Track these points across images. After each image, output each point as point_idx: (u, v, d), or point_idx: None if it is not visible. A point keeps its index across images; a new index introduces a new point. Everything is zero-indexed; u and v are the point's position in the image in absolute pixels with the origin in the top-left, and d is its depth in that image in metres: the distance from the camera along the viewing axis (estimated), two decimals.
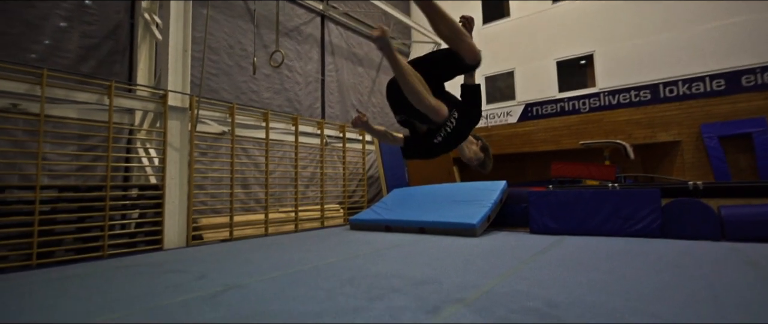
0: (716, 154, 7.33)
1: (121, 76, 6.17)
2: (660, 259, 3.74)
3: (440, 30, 1.80)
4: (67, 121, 4.86)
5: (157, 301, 2.76)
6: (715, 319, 2.11)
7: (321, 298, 2.73)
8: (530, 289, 2.81)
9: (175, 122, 5.63)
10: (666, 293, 2.61)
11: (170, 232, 5.39)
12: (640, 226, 5.17)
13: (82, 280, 3.49)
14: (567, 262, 3.73)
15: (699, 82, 8.03)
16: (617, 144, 7.82)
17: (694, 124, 8.00)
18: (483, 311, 2.36)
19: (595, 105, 9.30)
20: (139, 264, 4.23)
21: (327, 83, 9.90)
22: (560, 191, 5.79)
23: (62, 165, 5.11)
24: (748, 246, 4.33)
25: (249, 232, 6.65)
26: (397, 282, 3.12)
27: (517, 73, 10.64)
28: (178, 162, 5.59)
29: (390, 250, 4.76)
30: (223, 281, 3.31)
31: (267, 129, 6.94)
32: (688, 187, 5.48)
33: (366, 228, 6.99)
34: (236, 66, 7.85)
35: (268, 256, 4.56)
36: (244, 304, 2.63)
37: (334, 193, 8.90)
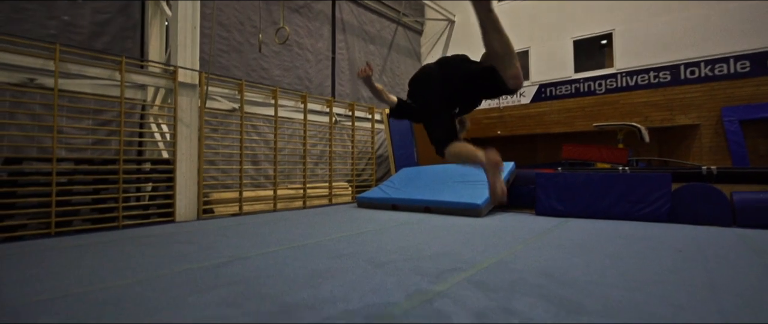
0: (735, 139, 7.09)
1: (133, 52, 6.26)
2: (663, 243, 3.70)
3: (493, 46, 1.59)
4: (80, 95, 4.97)
5: (163, 270, 2.88)
6: (708, 304, 2.10)
7: (321, 269, 2.80)
8: (526, 266, 2.83)
9: (185, 98, 5.72)
10: (662, 277, 2.60)
11: (181, 206, 5.56)
12: (648, 210, 5.09)
13: (96, 248, 3.66)
14: (567, 243, 3.73)
15: (722, 63, 7.69)
16: (632, 126, 7.62)
17: (715, 107, 7.72)
18: (480, 284, 2.41)
19: (611, 86, 9.03)
20: (151, 235, 4.40)
21: (338, 61, 9.84)
22: (568, 173, 5.72)
23: (78, 139, 5.27)
24: (758, 233, 4.23)
25: (258, 207, 6.80)
26: (398, 256, 3.18)
27: (532, 52, 10.37)
28: (188, 137, 5.71)
29: (394, 227, 4.82)
30: (229, 253, 3.42)
31: (276, 106, 6.99)
32: (702, 172, 5.34)
33: (373, 206, 7.07)
34: (247, 43, 7.86)
35: (274, 230, 4.67)
36: (245, 275, 2.73)
37: (343, 171, 8.98)
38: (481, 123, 11.11)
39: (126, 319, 1.96)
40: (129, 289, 2.43)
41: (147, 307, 2.13)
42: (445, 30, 12.17)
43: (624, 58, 8.96)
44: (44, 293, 2.36)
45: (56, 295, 2.32)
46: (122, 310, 2.08)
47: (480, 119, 11.13)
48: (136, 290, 2.42)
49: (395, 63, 11.67)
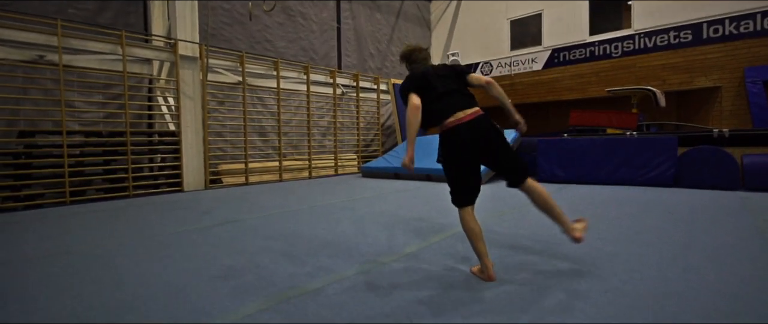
0: (757, 101, 6.70)
1: (137, 27, 6.35)
2: (658, 206, 3.63)
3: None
4: (85, 70, 5.12)
5: (158, 231, 3.05)
6: (676, 260, 2.08)
7: (303, 230, 2.91)
8: (508, 229, 2.85)
9: (188, 71, 5.82)
10: (641, 236, 2.57)
11: (189, 176, 5.77)
12: (652, 174, 4.96)
13: (103, 215, 3.88)
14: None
15: (748, 20, 7.18)
16: (647, 91, 7.30)
17: (737, 67, 7.27)
18: (463, 240, 2.47)
19: (628, 49, 8.60)
20: (157, 203, 4.61)
21: (343, 31, 9.71)
22: (571, 139, 5.60)
23: (88, 113, 5.48)
24: (764, 195, 4.08)
25: (265, 178, 6.99)
26: (389, 218, 3.26)
27: (546, 15, 9.92)
28: (192, 110, 5.85)
29: (392, 194, 4.89)
30: (223, 217, 3.58)
31: (278, 78, 7.02)
32: (713, 135, 5.12)
33: (377, 175, 7.14)
34: (249, 14, 7.83)
35: (273, 198, 4.82)
36: (232, 234, 2.87)
37: (351, 143, 9.04)
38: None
39: (112, 271, 2.11)
40: (121, 247, 2.60)
41: (132, 260, 2.28)
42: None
43: (643, 17, 8.47)
44: (52, 249, 2.57)
45: (61, 251, 2.52)
46: (109, 263, 2.23)
47: None
48: (128, 247, 2.58)
49: (403, 32, 11.42)
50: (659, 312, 1.46)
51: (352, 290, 1.76)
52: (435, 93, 2.00)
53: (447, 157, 1.98)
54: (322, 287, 1.80)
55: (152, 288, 1.85)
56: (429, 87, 2.02)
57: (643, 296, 1.61)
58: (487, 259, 1.90)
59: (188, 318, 1.51)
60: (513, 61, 10.50)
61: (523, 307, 1.53)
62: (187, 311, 1.57)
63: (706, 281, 1.76)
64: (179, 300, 1.69)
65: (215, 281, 1.92)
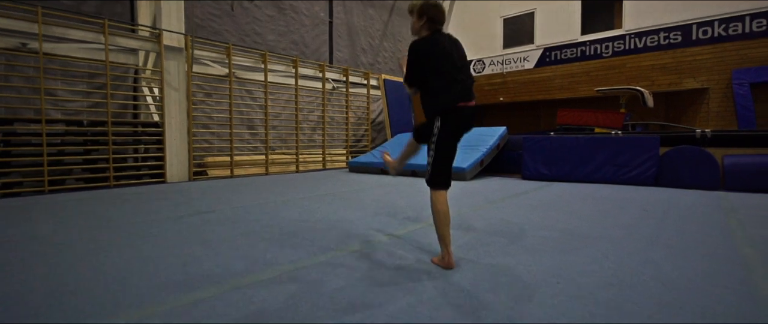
0: (743, 102, 6.73)
1: (123, 17, 6.29)
2: (634, 203, 3.63)
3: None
4: (66, 58, 5.07)
5: (128, 220, 3.03)
6: (638, 254, 2.08)
7: (274, 222, 2.89)
8: (480, 220, 2.85)
9: (173, 62, 5.77)
10: (610, 231, 2.57)
11: (172, 167, 5.73)
12: (634, 173, 4.97)
13: (78, 204, 3.85)
14: (535, 204, 3.70)
15: (737, 22, 7.20)
16: (635, 91, 7.32)
17: (725, 69, 7.30)
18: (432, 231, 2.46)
19: (619, 49, 8.61)
20: (136, 193, 4.58)
21: (335, 26, 9.66)
22: (556, 137, 5.60)
23: (72, 102, 5.43)
24: (742, 196, 4.10)
25: (252, 171, 6.95)
26: (363, 212, 3.24)
27: (538, 13, 9.92)
28: (177, 101, 5.80)
29: (374, 188, 4.87)
30: (198, 208, 3.55)
31: (266, 71, 6.98)
32: (695, 135, 5.14)
33: (363, 170, 7.13)
34: (239, 6, 7.77)
35: (253, 190, 4.79)
36: (202, 225, 2.84)
37: (341, 138, 9.02)
38: (483, 89, 10.87)
39: (69, 257, 2.09)
40: (86, 235, 2.57)
41: (93, 247, 2.26)
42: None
43: (634, 18, 8.48)
44: (17, 236, 2.54)
45: (25, 238, 2.49)
46: (69, 250, 2.21)
47: (482, 86, 10.88)
48: (93, 235, 2.56)
49: (396, 28, 11.38)
50: (597, 301, 1.46)
51: (305, 280, 1.75)
52: (454, 67, 1.90)
53: (444, 138, 1.91)
54: (276, 276, 1.79)
55: (104, 274, 1.83)
56: (450, 59, 1.90)
57: (590, 286, 1.61)
58: (450, 246, 1.90)
59: (130, 304, 1.49)
60: (505, 59, 10.50)
61: (471, 295, 1.52)
62: (131, 296, 1.56)
63: (659, 274, 1.76)
64: (127, 286, 1.67)
65: (171, 268, 1.90)
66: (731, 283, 1.65)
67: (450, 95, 1.89)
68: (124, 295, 1.57)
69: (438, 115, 1.92)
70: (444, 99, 1.89)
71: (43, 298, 1.54)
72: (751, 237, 2.42)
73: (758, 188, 4.30)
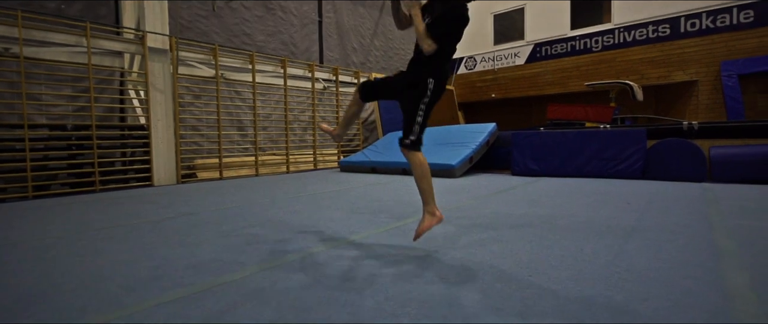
0: (732, 94, 6.75)
1: (108, 20, 6.23)
2: (618, 197, 3.63)
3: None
4: (49, 62, 5.02)
5: (107, 224, 2.99)
6: (613, 247, 2.07)
7: (254, 221, 2.87)
8: (461, 214, 2.83)
9: (157, 64, 5.73)
10: (586, 224, 2.56)
11: (159, 170, 5.69)
12: (621, 167, 4.97)
13: (60, 209, 3.81)
14: (519, 199, 3.69)
15: (725, 14, 7.21)
16: (624, 85, 7.33)
17: (714, 61, 7.32)
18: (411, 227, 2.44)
19: (608, 43, 8.62)
20: (121, 197, 4.54)
21: (325, 25, 9.63)
22: (544, 132, 5.59)
23: (58, 106, 5.38)
24: (727, 187, 4.10)
25: (242, 172, 6.92)
26: (344, 211, 3.22)
27: (528, 10, 9.91)
28: (163, 103, 5.76)
29: (363, 187, 4.85)
30: (180, 210, 3.52)
31: (253, 71, 6.95)
32: (683, 128, 5.14)
33: (354, 170, 7.11)
34: (227, 7, 7.73)
35: (240, 192, 4.77)
36: (182, 228, 2.82)
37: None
38: (475, 86, 10.87)
39: (42, 262, 2.06)
40: (62, 240, 2.54)
41: (66, 251, 2.23)
42: None
43: (623, 12, 8.49)
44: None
45: (2, 244, 2.46)
46: (41, 255, 2.18)
47: (474, 82, 10.88)
48: (69, 240, 2.52)
49: (387, 27, 11.35)
50: (567, 295, 1.44)
51: (273, 280, 1.73)
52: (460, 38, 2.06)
53: (435, 100, 2.04)
54: (248, 276, 1.77)
55: (73, 279, 1.80)
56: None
57: (562, 279, 1.59)
58: (434, 200, 2.03)
59: (94, 309, 1.47)
60: (496, 55, 10.50)
61: (440, 289, 1.51)
62: (96, 301, 1.53)
63: (632, 266, 1.75)
64: (93, 290, 1.65)
65: (142, 272, 1.87)
66: (702, 274, 1.64)
67: (449, 64, 2.09)
68: (88, 300, 1.54)
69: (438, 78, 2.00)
70: (448, 66, 2.08)
71: (6, 306, 1.52)
72: (730, 227, 2.41)
73: (744, 179, 4.31)
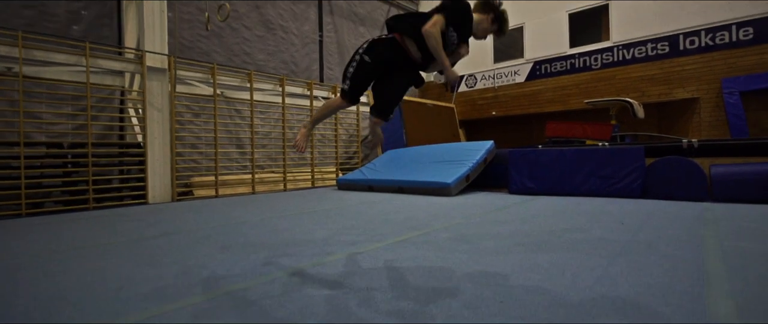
0: (735, 111, 6.64)
1: (111, 40, 6.37)
2: (612, 216, 3.52)
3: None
4: (49, 81, 5.10)
5: (89, 243, 2.96)
6: (597, 269, 1.98)
7: (235, 242, 2.82)
8: (446, 238, 2.75)
9: (156, 83, 5.80)
10: (574, 244, 2.46)
11: (155, 188, 5.69)
12: (620, 186, 4.86)
13: (49, 227, 3.79)
14: (512, 218, 3.60)
15: (724, 31, 7.18)
16: (624, 102, 7.27)
17: (714, 78, 7.25)
18: (396, 248, 2.37)
19: (607, 61, 8.60)
20: (112, 215, 4.53)
21: (326, 44, 9.76)
22: (541, 150, 5.52)
23: (57, 124, 5.45)
24: (728, 207, 3.97)
25: (239, 190, 6.90)
26: (328, 231, 3.16)
27: (527, 28, 9.98)
28: (160, 121, 5.81)
29: (356, 205, 4.79)
30: (166, 229, 3.48)
31: (251, 90, 7.01)
32: (682, 146, 5.04)
33: (351, 188, 7.05)
34: (228, 27, 7.87)
35: (233, 210, 4.73)
36: (162, 246, 2.77)
37: (332, 155, 8.98)
38: (476, 104, 10.86)
39: (8, 284, 2.02)
40: (35, 259, 2.50)
41: (32, 274, 2.19)
42: None
43: (621, 30, 8.50)
44: None
45: None
46: (11, 275, 2.14)
47: (475, 100, 10.88)
48: (42, 259, 2.49)
49: None
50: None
51: (247, 299, 1.66)
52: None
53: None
54: (212, 298, 1.71)
55: (30, 299, 1.75)
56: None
57: (535, 307, 1.51)
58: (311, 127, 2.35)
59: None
60: (496, 73, 10.52)
61: (410, 314, 1.43)
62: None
63: (612, 291, 1.66)
64: (47, 311, 1.60)
65: (104, 294, 1.82)
66: (685, 302, 1.54)
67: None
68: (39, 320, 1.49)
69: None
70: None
71: None
72: (724, 250, 2.31)
73: (746, 198, 4.18)
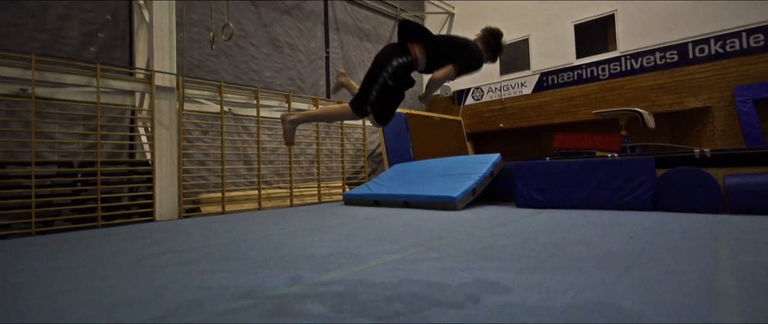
0: (749, 120, 6.47)
1: (122, 61, 6.54)
2: (622, 230, 3.42)
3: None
4: (61, 102, 5.23)
5: (93, 262, 2.97)
6: (598, 289, 1.90)
7: (236, 257, 2.80)
8: (450, 254, 2.69)
9: (164, 101, 5.91)
10: (580, 264, 2.38)
11: (162, 206, 5.74)
12: (630, 198, 4.74)
13: (55, 246, 3.83)
14: (518, 232, 3.52)
15: (734, 38, 7.05)
16: (634, 112, 7.14)
17: (727, 86, 7.10)
18: (396, 264, 2.32)
19: (615, 71, 8.51)
20: (118, 233, 4.56)
21: (332, 60, 9.88)
22: (549, 162, 5.43)
23: (70, 144, 5.57)
24: (745, 218, 3.83)
25: (245, 206, 6.93)
26: (326, 250, 3.13)
27: (532, 40, 9.96)
28: (168, 139, 5.90)
29: (360, 221, 4.75)
30: (169, 247, 3.49)
31: (257, 106, 7.09)
32: (694, 155, 4.91)
33: (358, 203, 7.02)
34: (235, 46, 8.03)
35: (237, 226, 4.73)
36: (161, 265, 2.77)
37: (339, 170, 8.99)
38: (483, 116, 10.81)
39: (15, 301, 2.02)
40: (35, 277, 2.52)
41: (41, 290, 2.20)
42: (446, 23, 11.94)
43: (627, 39, 8.42)
44: None
45: None
46: (21, 292, 2.15)
47: (482, 112, 10.84)
48: (43, 278, 2.50)
49: None
50: None
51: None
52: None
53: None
54: (204, 319, 1.68)
55: (28, 319, 1.75)
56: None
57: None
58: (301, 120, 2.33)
59: None
60: (503, 85, 10.49)
61: None
62: None
63: (615, 312, 1.58)
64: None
65: (101, 312, 1.81)
66: (690, 322, 1.46)
67: None
68: None
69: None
70: None
71: None
72: (737, 265, 2.20)
73: (762, 209, 4.02)
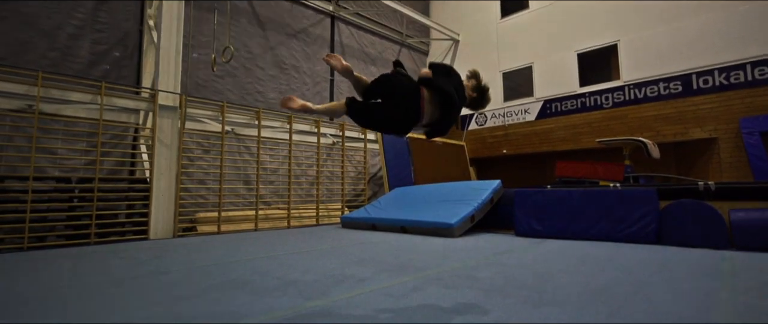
0: (756, 152, 6.34)
1: (130, 80, 6.68)
2: (618, 265, 3.29)
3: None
4: (61, 118, 5.30)
5: (73, 281, 2.92)
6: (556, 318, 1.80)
7: (218, 280, 2.73)
8: (434, 287, 2.60)
9: (166, 120, 5.98)
10: (570, 299, 2.27)
11: (157, 224, 5.72)
12: (632, 230, 4.60)
13: (43, 262, 3.80)
14: (513, 264, 3.41)
15: (738, 70, 7.01)
16: (638, 142, 7.05)
17: (732, 118, 7.00)
18: (376, 296, 2.23)
19: (619, 100, 8.47)
20: (109, 251, 4.52)
21: (337, 83, 10.00)
22: (548, 191, 5.33)
23: (69, 159, 5.63)
24: (753, 255, 3.67)
25: (242, 227, 6.87)
26: (312, 276, 3.04)
27: (536, 67, 10.01)
28: (167, 158, 5.93)
29: (353, 246, 4.66)
30: (155, 268, 3.43)
31: (259, 127, 7.14)
32: (698, 188, 4.78)
33: (355, 226, 6.93)
34: (242, 68, 8.18)
35: (229, 247, 4.67)
36: (141, 287, 2.71)
37: (339, 192, 8.94)
38: (486, 142, 10.78)
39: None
40: (14, 298, 2.47)
41: (14, 312, 2.14)
42: (450, 49, 12.10)
43: (631, 69, 8.42)
44: None
45: None
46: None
47: (485, 138, 10.81)
48: (21, 298, 2.45)
49: None
50: None
51: None
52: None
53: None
54: None
55: None
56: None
57: None
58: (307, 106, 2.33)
59: None
60: (507, 111, 10.49)
61: None
62: None
63: None
64: None
65: None
66: None
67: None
68: None
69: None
70: None
71: None
72: (737, 310, 2.08)
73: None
